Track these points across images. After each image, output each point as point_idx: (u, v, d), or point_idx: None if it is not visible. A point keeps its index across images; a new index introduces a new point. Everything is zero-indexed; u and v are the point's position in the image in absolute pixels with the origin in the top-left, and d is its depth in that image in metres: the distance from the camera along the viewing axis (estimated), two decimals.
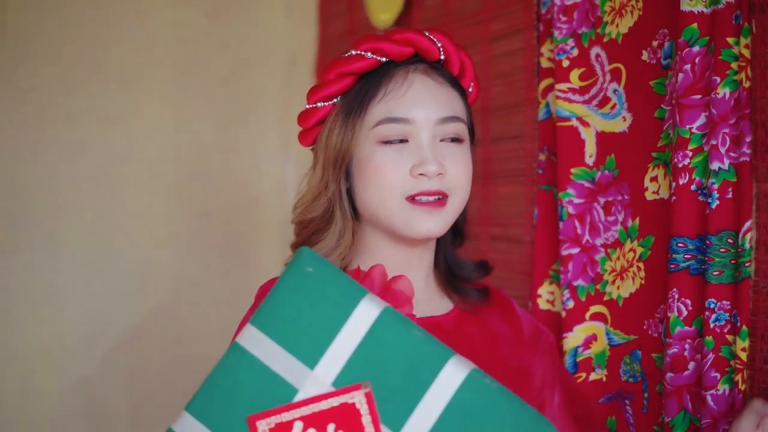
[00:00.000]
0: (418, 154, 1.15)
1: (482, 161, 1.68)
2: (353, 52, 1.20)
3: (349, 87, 1.20)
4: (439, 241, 1.28)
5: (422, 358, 0.92)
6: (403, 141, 1.16)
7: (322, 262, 0.98)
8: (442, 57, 1.22)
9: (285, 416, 0.93)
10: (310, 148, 1.27)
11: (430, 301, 1.25)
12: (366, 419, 0.92)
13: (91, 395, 2.22)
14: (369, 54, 1.19)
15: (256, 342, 0.96)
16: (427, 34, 1.21)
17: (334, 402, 0.92)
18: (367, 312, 0.94)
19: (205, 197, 2.33)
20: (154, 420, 2.26)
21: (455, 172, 1.17)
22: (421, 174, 1.14)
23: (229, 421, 0.94)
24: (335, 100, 1.21)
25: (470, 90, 1.26)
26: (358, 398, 0.93)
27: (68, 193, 2.16)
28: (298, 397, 0.93)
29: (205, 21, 2.30)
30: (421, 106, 1.16)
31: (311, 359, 0.94)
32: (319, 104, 1.22)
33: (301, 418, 0.93)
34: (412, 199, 1.15)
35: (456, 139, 1.19)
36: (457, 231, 1.30)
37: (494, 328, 1.27)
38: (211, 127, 2.32)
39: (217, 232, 2.36)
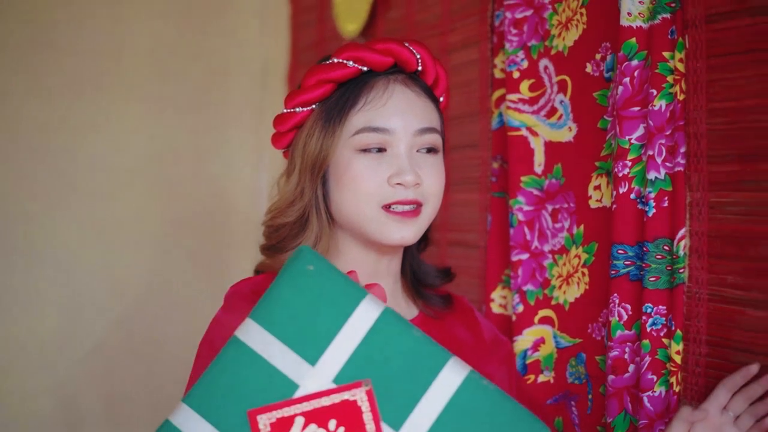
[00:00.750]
0: (396, 164, 1.17)
1: None
2: (335, 60, 1.21)
3: (328, 94, 1.21)
4: (406, 248, 1.30)
5: (422, 359, 0.94)
6: (381, 150, 1.18)
7: (323, 261, 0.98)
8: (420, 68, 1.24)
9: (286, 411, 0.93)
10: (283, 151, 1.28)
11: (396, 307, 1.27)
12: (367, 416, 0.93)
13: (66, 396, 2.26)
14: (350, 63, 1.20)
15: (257, 337, 0.96)
16: (407, 45, 1.23)
17: (336, 398, 0.93)
18: (368, 312, 0.95)
19: (179, 203, 2.37)
20: (129, 420, 2.30)
21: (430, 182, 1.20)
22: (398, 183, 1.17)
23: (228, 415, 0.95)
24: (313, 106, 1.22)
25: (441, 100, 1.29)
26: (359, 395, 0.93)
27: (43, 199, 2.19)
28: (299, 393, 0.94)
29: (180, 30, 2.33)
30: (400, 116, 1.19)
31: (312, 356, 0.95)
32: (297, 109, 1.23)
33: (303, 414, 0.93)
34: (387, 207, 1.17)
35: (432, 150, 1.21)
36: (423, 237, 1.32)
37: (457, 334, 1.31)
38: (185, 135, 2.36)
39: (191, 236, 2.40)
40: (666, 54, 1.22)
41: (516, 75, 1.48)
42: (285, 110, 1.24)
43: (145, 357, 2.34)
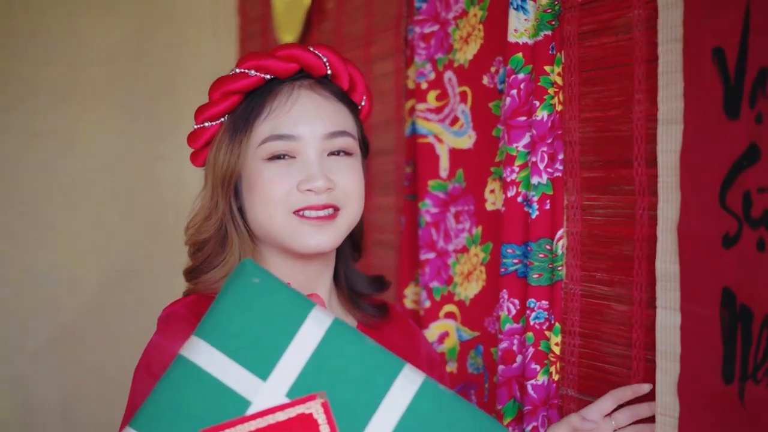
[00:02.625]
0: (306, 170, 1.15)
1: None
2: (237, 71, 1.19)
3: (235, 105, 1.19)
4: (339, 257, 1.29)
5: (376, 368, 0.93)
6: (290, 157, 1.16)
7: (267, 274, 0.96)
8: (329, 72, 1.22)
9: (240, 429, 0.90)
10: (203, 168, 1.24)
11: None
12: (324, 429, 0.90)
13: (21, 391, 2.35)
14: (252, 72, 1.18)
15: (204, 354, 0.93)
16: (311, 49, 1.21)
17: (291, 413, 0.90)
18: (317, 323, 0.93)
19: (133, 206, 2.48)
20: (82, 414, 2.40)
21: (345, 185, 1.17)
22: (308, 189, 1.14)
23: None
24: (222, 119, 1.20)
25: (363, 104, 1.27)
26: (315, 408, 0.91)
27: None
28: (251, 410, 0.91)
29: (134, 40, 2.45)
30: (306, 122, 1.16)
31: (263, 371, 0.92)
32: (206, 124, 1.20)
33: (257, 431, 0.90)
34: (299, 213, 1.15)
35: (345, 153, 1.19)
36: (356, 245, 1.32)
37: (396, 345, 1.24)
38: (139, 140, 2.47)
39: (145, 238, 2.50)
40: (547, 68, 1.32)
41: (424, 86, 1.58)
42: (195, 126, 1.21)
43: (100, 354, 2.44)
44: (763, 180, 0.95)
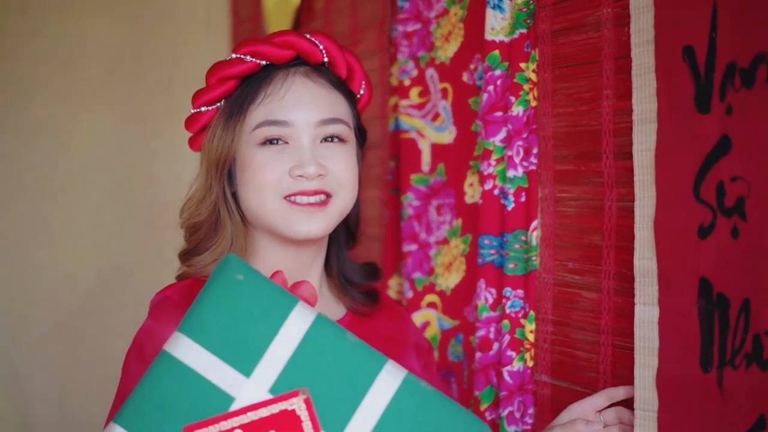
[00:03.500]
0: (298, 156, 1.16)
1: None
2: (233, 56, 1.20)
3: (231, 90, 1.20)
4: (332, 244, 1.30)
5: (358, 364, 0.94)
6: (283, 142, 1.17)
7: (251, 270, 0.97)
8: (326, 59, 1.22)
9: (223, 425, 0.91)
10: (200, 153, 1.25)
11: (325, 306, 1.26)
12: (307, 425, 0.91)
13: (17, 384, 2.40)
14: (248, 57, 1.19)
15: (188, 351, 0.94)
16: (308, 36, 1.22)
17: (274, 409, 0.91)
18: (300, 319, 0.94)
19: (128, 202, 2.53)
20: (78, 406, 2.45)
21: (337, 171, 1.18)
22: (299, 175, 1.15)
23: None
24: (218, 104, 1.21)
25: (362, 93, 1.28)
26: (297, 404, 0.92)
27: None
28: (235, 406, 0.92)
29: (129, 39, 2.50)
30: (300, 108, 1.17)
31: (246, 367, 0.93)
32: (203, 108, 1.22)
33: (241, 427, 0.91)
34: (290, 199, 1.16)
35: (338, 139, 1.20)
36: (350, 233, 1.34)
37: (385, 331, 1.31)
38: (135, 138, 2.52)
39: (139, 236, 2.55)
40: (522, 65, 1.37)
41: (407, 83, 1.63)
42: (192, 111, 1.23)
43: (94, 348, 2.48)
44: (735, 169, 0.98)
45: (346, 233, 1.33)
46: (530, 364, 1.37)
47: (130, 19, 2.50)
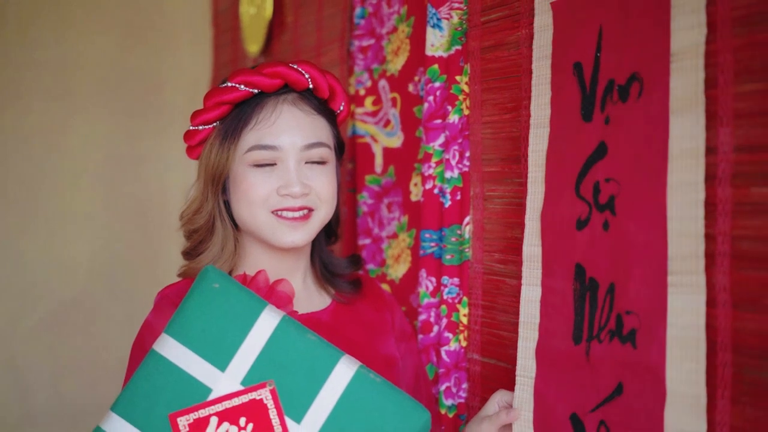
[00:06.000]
0: (285, 177, 1.31)
1: None
2: (228, 84, 1.33)
3: (226, 113, 1.34)
4: (314, 243, 1.45)
5: (317, 359, 1.08)
6: (272, 164, 1.32)
7: (226, 279, 1.12)
8: (311, 86, 1.36)
9: (202, 413, 1.06)
10: (196, 162, 1.40)
11: (310, 298, 1.42)
12: (272, 412, 1.06)
13: (16, 367, 2.57)
14: (242, 86, 1.32)
15: (172, 349, 1.09)
16: (295, 66, 1.34)
17: (245, 398, 1.06)
18: (268, 321, 1.09)
19: (120, 201, 2.69)
20: (73, 388, 2.60)
21: (319, 189, 1.33)
22: (286, 194, 1.30)
23: (152, 419, 1.07)
24: (215, 124, 1.36)
25: (341, 109, 1.43)
26: (264, 395, 1.06)
27: None
28: (212, 396, 1.07)
29: (120, 48, 2.66)
30: (287, 134, 1.31)
31: (222, 362, 1.08)
32: (200, 127, 1.36)
33: (216, 414, 1.06)
34: (277, 213, 1.31)
35: (321, 162, 1.35)
36: (331, 232, 1.50)
37: (367, 318, 1.46)
38: (125, 140, 2.68)
39: (129, 231, 2.71)
40: (458, 78, 1.53)
41: (362, 92, 1.80)
42: (191, 127, 1.38)
43: (86, 335, 2.64)
44: (609, 171, 1.14)
45: (327, 233, 1.49)
46: (464, 344, 1.54)
47: (120, 27, 2.66)
